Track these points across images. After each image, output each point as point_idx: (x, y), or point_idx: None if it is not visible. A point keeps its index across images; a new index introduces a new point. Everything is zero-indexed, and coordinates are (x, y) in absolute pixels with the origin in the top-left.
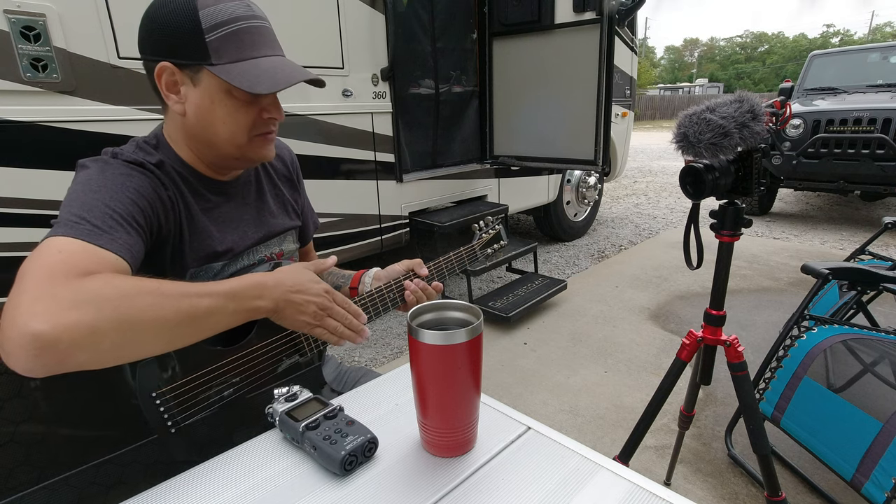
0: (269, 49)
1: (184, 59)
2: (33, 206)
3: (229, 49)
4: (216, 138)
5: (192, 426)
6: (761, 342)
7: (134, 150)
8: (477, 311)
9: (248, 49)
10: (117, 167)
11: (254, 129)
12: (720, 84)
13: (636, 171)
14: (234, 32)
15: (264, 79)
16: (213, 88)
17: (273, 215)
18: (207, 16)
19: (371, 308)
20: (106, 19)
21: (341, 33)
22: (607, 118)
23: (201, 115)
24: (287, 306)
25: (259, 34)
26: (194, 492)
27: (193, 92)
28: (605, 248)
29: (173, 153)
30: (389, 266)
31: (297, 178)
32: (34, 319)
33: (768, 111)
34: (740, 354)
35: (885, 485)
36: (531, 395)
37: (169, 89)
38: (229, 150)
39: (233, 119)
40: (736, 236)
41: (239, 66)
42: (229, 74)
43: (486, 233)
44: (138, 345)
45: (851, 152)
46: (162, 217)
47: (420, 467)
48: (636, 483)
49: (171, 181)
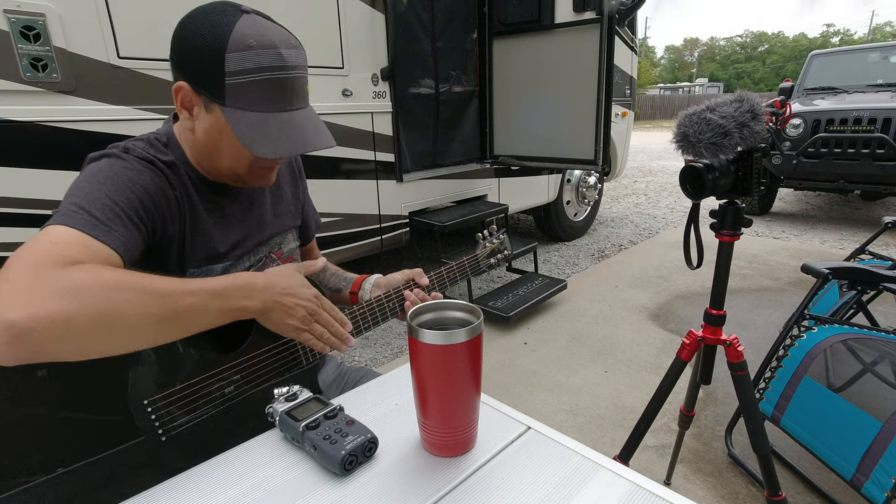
0: (289, 103)
1: (200, 88)
2: (33, 206)
3: (247, 96)
4: (219, 163)
5: (182, 435)
6: (761, 342)
7: (146, 146)
8: (477, 310)
9: (266, 102)
10: (129, 162)
11: (256, 163)
12: (720, 84)
13: (636, 170)
14: (254, 82)
15: (267, 143)
16: (223, 123)
17: (275, 215)
18: (233, 60)
19: (370, 317)
20: (106, 19)
21: (341, 33)
22: (607, 118)
23: (208, 141)
24: (276, 308)
25: (283, 86)
26: (194, 491)
27: (205, 117)
28: (605, 247)
29: (182, 154)
30: (390, 274)
31: (299, 176)
32: (9, 308)
33: (768, 111)
34: (740, 354)
35: (885, 484)
36: (531, 395)
37: (184, 106)
38: (228, 175)
39: (236, 154)
40: (736, 236)
41: (249, 117)
42: (237, 124)
43: (490, 242)
44: (116, 339)
45: (851, 152)
46: (167, 216)
47: (420, 467)
48: (636, 483)
49: (181, 182)
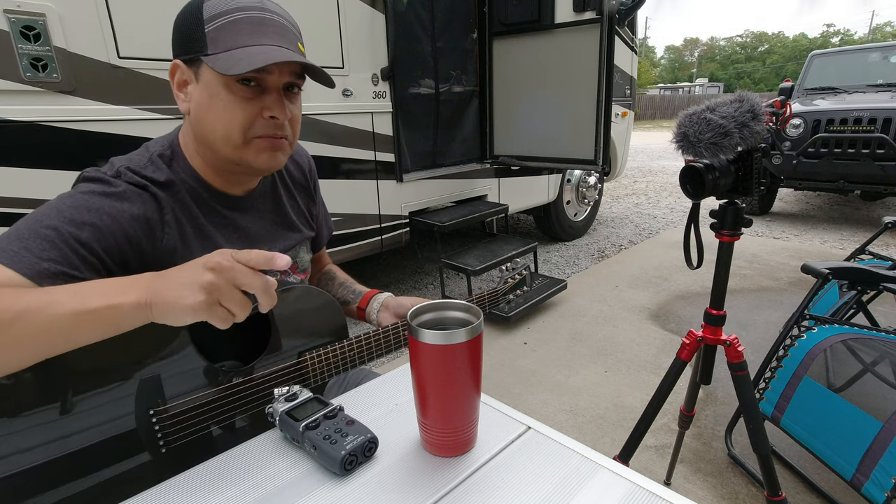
0: (270, 39)
1: (187, 54)
2: (33, 206)
3: (225, 38)
4: (213, 136)
5: (181, 448)
6: (761, 342)
7: (146, 165)
8: (477, 310)
9: (246, 37)
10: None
11: (252, 130)
12: (720, 84)
13: (636, 170)
14: (232, 21)
15: (244, 60)
16: (212, 82)
17: (288, 227)
18: (210, 7)
19: (375, 347)
20: (106, 19)
21: (341, 33)
22: (607, 118)
23: (200, 112)
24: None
25: (263, 24)
26: (194, 491)
27: (196, 88)
28: (605, 247)
29: (188, 165)
30: (401, 298)
31: (313, 187)
32: None
33: (768, 111)
34: (740, 354)
35: (885, 484)
36: (531, 395)
37: (179, 88)
38: (226, 152)
39: (228, 115)
40: (736, 236)
41: (230, 54)
42: (216, 61)
43: (512, 277)
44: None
45: (851, 152)
46: (144, 241)
47: (420, 467)
48: (636, 483)
49: (179, 202)
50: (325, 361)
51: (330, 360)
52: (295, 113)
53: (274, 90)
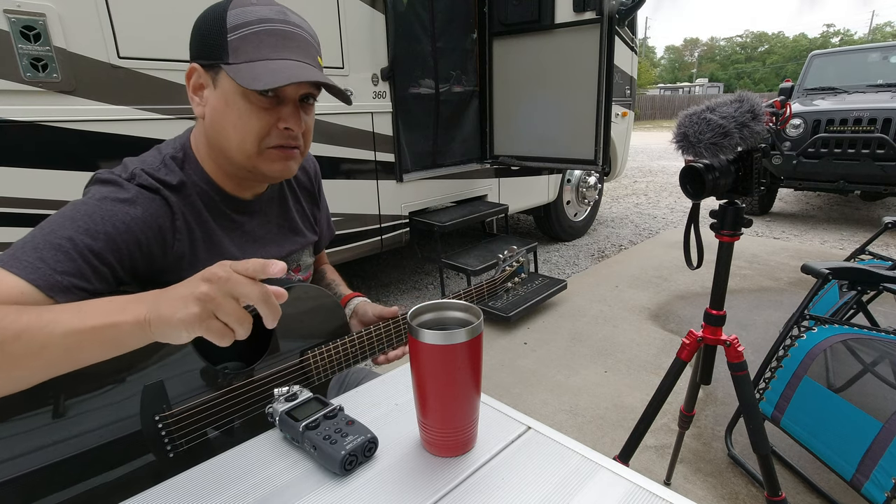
0: (292, 53)
1: (206, 59)
2: (34, 205)
3: (247, 49)
4: (227, 143)
5: (188, 452)
6: (761, 342)
7: (158, 167)
8: (477, 310)
9: (268, 50)
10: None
11: (266, 140)
12: (720, 84)
13: (636, 170)
14: (255, 33)
15: (266, 76)
16: (229, 90)
17: (294, 232)
18: (234, 16)
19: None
20: (106, 19)
21: (341, 33)
22: (607, 118)
23: (215, 119)
24: (160, 305)
25: (286, 38)
26: (194, 491)
27: (212, 94)
28: (605, 247)
29: (199, 168)
30: (370, 305)
31: (318, 192)
32: None
33: (768, 111)
34: (740, 354)
35: (885, 484)
36: (531, 395)
37: (195, 92)
38: (240, 160)
39: (244, 123)
40: (736, 236)
41: (251, 66)
42: (237, 72)
43: (510, 265)
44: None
45: (851, 152)
46: (155, 246)
47: (420, 467)
48: (636, 483)
49: (190, 205)
50: (329, 359)
51: (332, 356)
52: (309, 124)
53: (290, 102)
